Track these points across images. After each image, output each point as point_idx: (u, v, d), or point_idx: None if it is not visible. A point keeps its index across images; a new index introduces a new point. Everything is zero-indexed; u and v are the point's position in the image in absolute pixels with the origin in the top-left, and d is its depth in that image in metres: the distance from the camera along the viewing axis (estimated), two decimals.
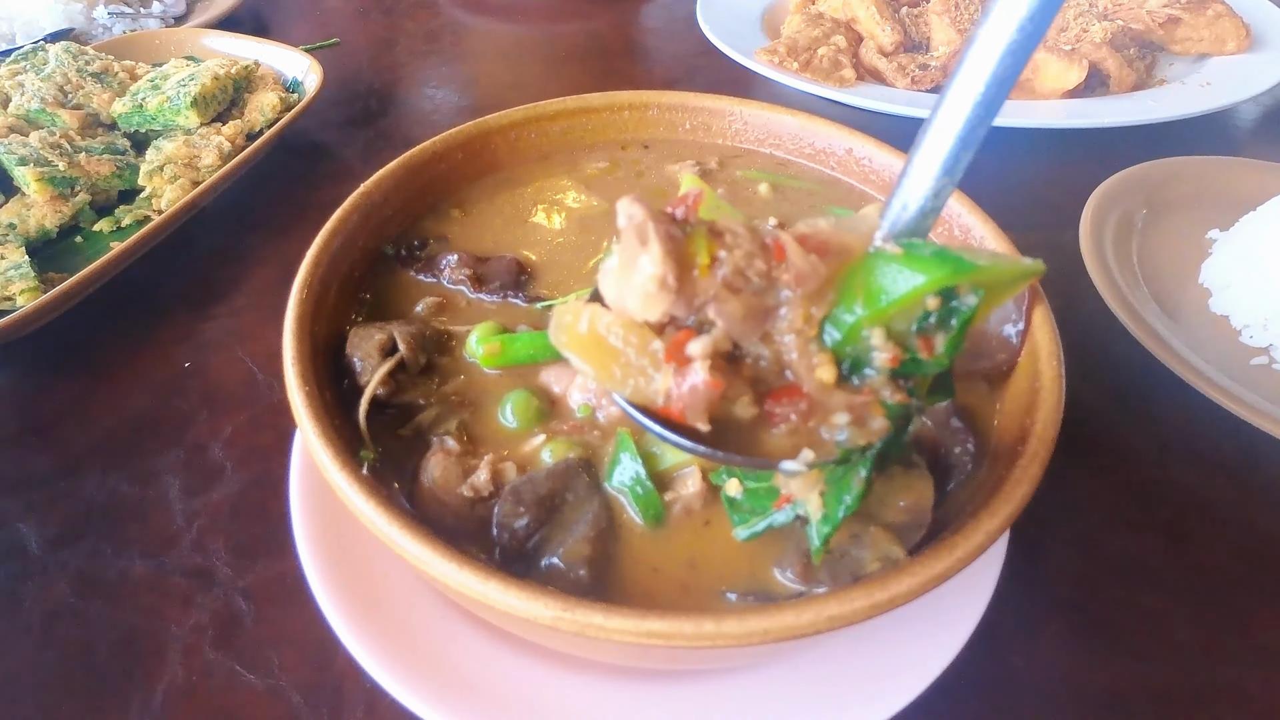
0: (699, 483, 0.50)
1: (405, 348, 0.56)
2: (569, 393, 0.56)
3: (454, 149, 0.73)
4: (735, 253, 0.40)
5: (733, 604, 0.46)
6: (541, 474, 0.50)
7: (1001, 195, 1.17)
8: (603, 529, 0.49)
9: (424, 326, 0.60)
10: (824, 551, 0.45)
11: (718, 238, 0.40)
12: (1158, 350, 0.79)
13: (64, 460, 0.78)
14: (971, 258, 0.40)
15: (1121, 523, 0.73)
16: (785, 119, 0.78)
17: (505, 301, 0.64)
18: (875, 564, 0.45)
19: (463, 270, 0.64)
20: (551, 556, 0.48)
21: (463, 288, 0.64)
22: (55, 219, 0.99)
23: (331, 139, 1.29)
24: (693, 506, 0.50)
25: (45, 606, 0.66)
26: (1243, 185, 1.05)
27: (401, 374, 0.57)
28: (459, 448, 0.52)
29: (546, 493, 0.49)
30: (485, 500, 0.50)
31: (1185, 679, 0.62)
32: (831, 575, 0.46)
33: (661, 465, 0.51)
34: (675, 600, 0.47)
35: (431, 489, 0.50)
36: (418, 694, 0.52)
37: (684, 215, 0.41)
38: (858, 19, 1.44)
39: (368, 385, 0.54)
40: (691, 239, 0.40)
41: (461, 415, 0.56)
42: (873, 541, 0.46)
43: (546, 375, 0.57)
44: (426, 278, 0.66)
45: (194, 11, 1.62)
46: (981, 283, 0.40)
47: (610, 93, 0.79)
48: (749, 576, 0.48)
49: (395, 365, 0.56)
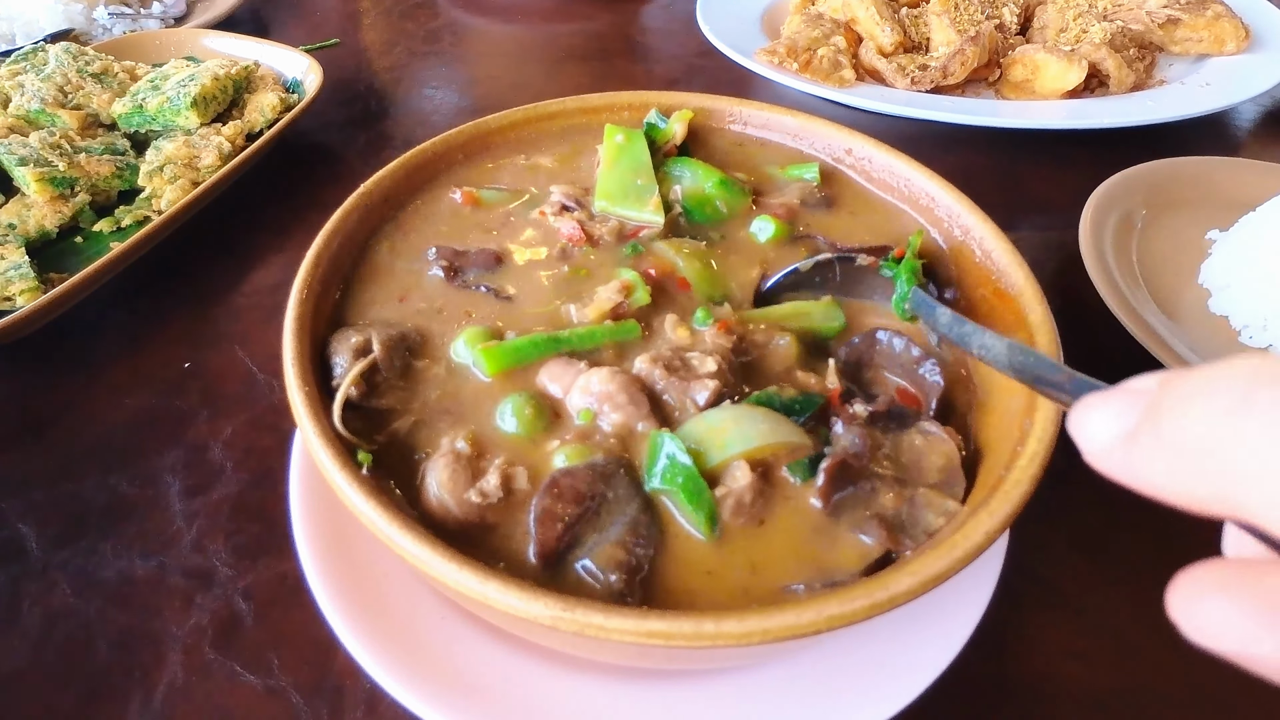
0: (748, 474, 0.48)
1: (380, 349, 0.55)
2: (569, 395, 0.54)
3: (454, 149, 0.73)
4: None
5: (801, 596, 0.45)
6: (582, 468, 0.49)
7: (1001, 195, 1.18)
8: (642, 534, 0.47)
9: (404, 329, 0.59)
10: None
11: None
12: (1158, 350, 0.79)
13: (64, 460, 0.78)
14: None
15: (1121, 522, 0.73)
16: (785, 119, 0.78)
17: (477, 293, 0.63)
18: (940, 519, 0.48)
19: (440, 263, 0.64)
20: (585, 559, 0.46)
21: (439, 274, 0.64)
22: (55, 219, 0.99)
23: (331, 139, 1.29)
24: (744, 499, 0.48)
25: (45, 606, 0.66)
26: (1243, 185, 1.05)
27: (378, 376, 0.55)
28: (470, 450, 0.51)
29: (587, 490, 0.48)
30: (495, 506, 0.49)
31: (1185, 679, 0.62)
32: (911, 538, 0.47)
33: (709, 463, 0.49)
34: (736, 604, 0.45)
35: (439, 495, 0.49)
36: (418, 694, 0.52)
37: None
38: (857, 19, 1.44)
39: (339, 388, 0.53)
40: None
41: (446, 420, 0.54)
42: (926, 502, 0.48)
43: (543, 376, 0.55)
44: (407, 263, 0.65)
45: (194, 12, 1.62)
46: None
47: (610, 93, 0.80)
48: (815, 567, 0.47)
49: (369, 367, 0.55)
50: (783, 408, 0.52)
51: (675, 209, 0.69)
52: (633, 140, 0.72)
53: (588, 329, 0.58)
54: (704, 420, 0.51)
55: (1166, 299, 0.92)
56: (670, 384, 0.53)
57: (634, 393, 0.53)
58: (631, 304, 0.59)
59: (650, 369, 0.54)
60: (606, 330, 0.58)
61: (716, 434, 0.50)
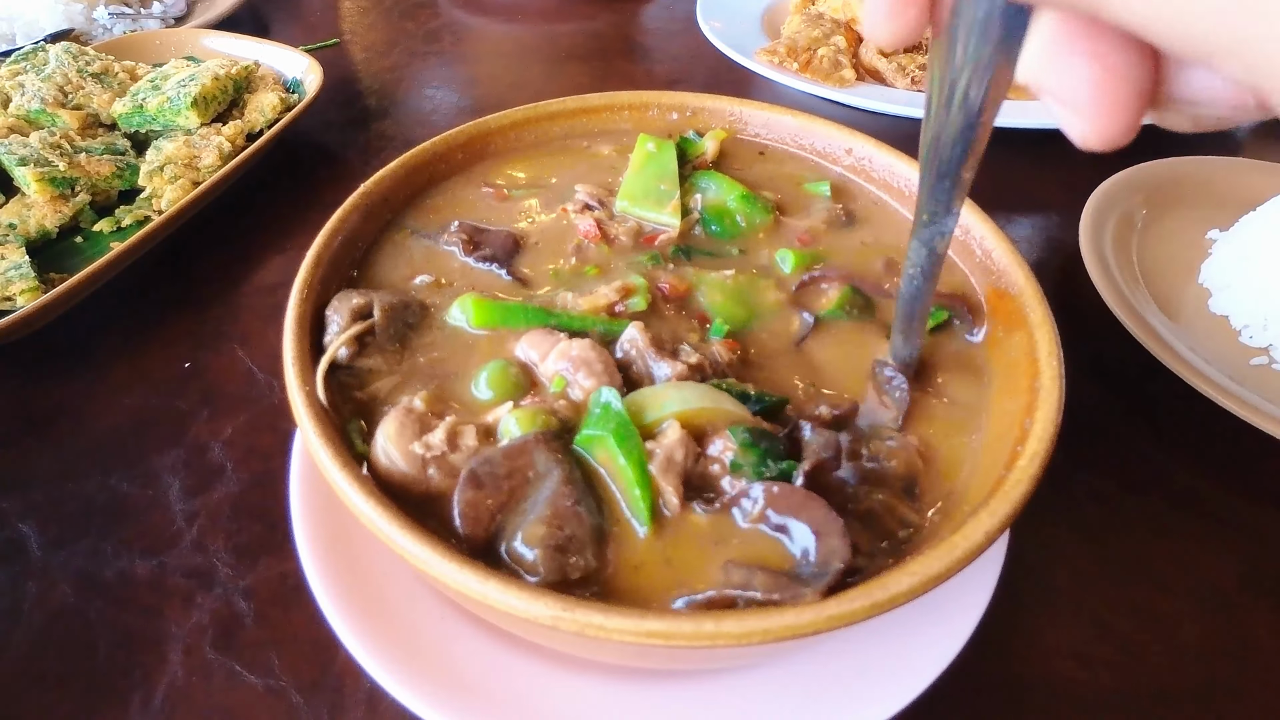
0: (678, 431, 0.48)
1: (380, 314, 0.57)
2: (544, 362, 0.54)
3: (454, 149, 0.73)
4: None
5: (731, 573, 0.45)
6: (498, 453, 0.48)
7: (1002, 195, 1.18)
8: (568, 506, 0.46)
9: (407, 298, 0.60)
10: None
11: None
12: (1158, 350, 0.79)
13: (64, 460, 0.78)
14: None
15: (1120, 522, 0.73)
16: (785, 119, 0.78)
17: (491, 271, 0.64)
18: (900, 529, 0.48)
19: (460, 235, 0.66)
20: (512, 541, 0.46)
21: (455, 249, 0.65)
22: (55, 219, 0.99)
23: (332, 139, 1.29)
24: (674, 455, 0.48)
25: (45, 606, 0.66)
26: (1243, 185, 1.05)
27: (371, 339, 0.57)
28: (424, 408, 0.51)
29: (506, 472, 0.47)
30: (438, 459, 0.49)
31: (1185, 679, 0.63)
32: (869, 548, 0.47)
33: (644, 419, 0.50)
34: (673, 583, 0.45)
35: (384, 447, 0.49)
36: (418, 694, 0.52)
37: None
38: (857, 19, 1.44)
39: (331, 345, 0.54)
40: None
41: (431, 384, 0.55)
42: (885, 510, 0.48)
43: (522, 344, 0.56)
44: (423, 237, 0.67)
45: (194, 12, 1.62)
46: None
47: (610, 93, 0.80)
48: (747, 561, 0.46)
49: (365, 330, 0.56)
50: (738, 395, 0.53)
51: (693, 215, 0.70)
52: (663, 149, 0.73)
53: (580, 315, 0.59)
54: (649, 388, 0.53)
55: (1166, 299, 0.92)
56: (645, 356, 0.54)
57: (610, 364, 0.54)
58: (629, 307, 0.59)
59: (641, 337, 0.55)
60: (600, 321, 0.58)
61: (656, 396, 0.51)
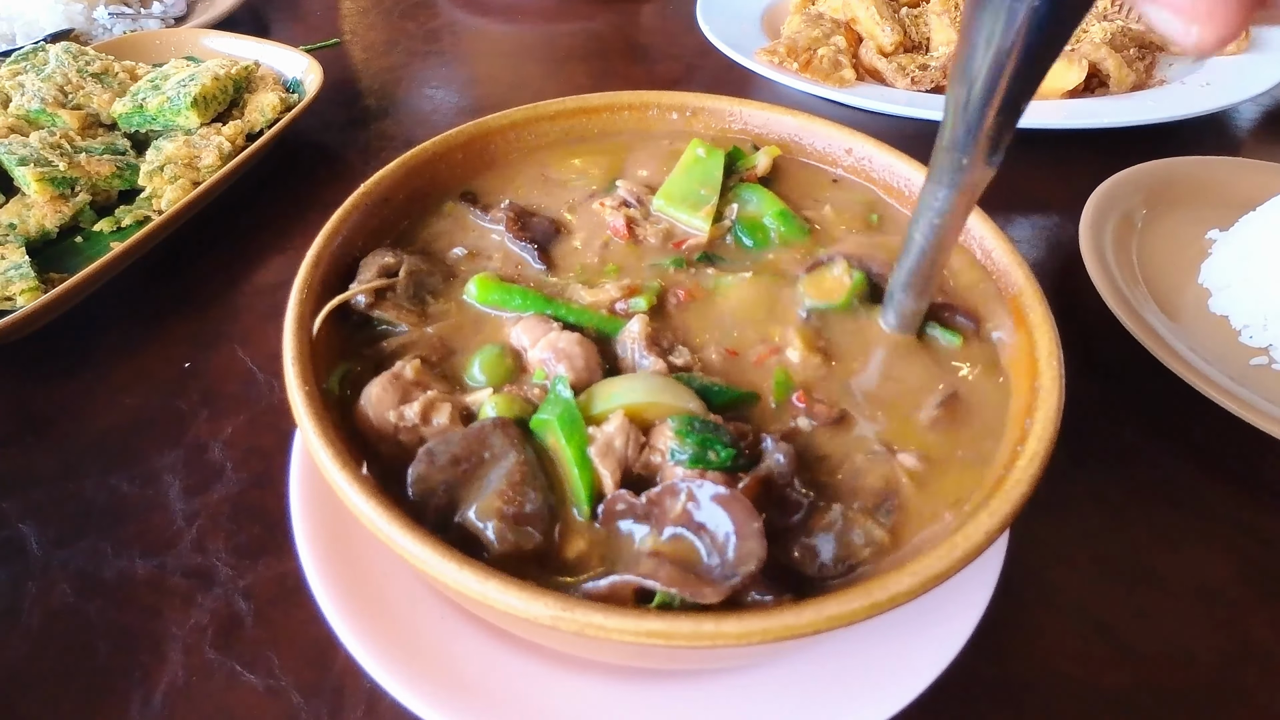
0: (621, 419, 0.50)
1: (404, 275, 0.60)
2: (532, 349, 0.56)
3: (454, 149, 0.73)
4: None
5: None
6: (458, 435, 0.50)
7: (1002, 195, 1.17)
8: (521, 481, 0.48)
9: (435, 264, 0.63)
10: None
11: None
12: (1158, 350, 0.79)
13: (64, 460, 0.78)
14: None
15: (1120, 523, 0.73)
16: (785, 119, 0.78)
17: (524, 253, 0.66)
18: (865, 548, 0.47)
19: (509, 213, 0.68)
20: (466, 513, 0.47)
21: (499, 226, 0.68)
22: (55, 219, 0.99)
23: (332, 139, 1.29)
24: (613, 442, 0.49)
25: (45, 606, 0.67)
26: (1243, 185, 1.05)
27: (392, 294, 0.59)
28: (413, 376, 0.53)
29: (462, 452, 0.49)
30: (408, 430, 0.51)
31: (1185, 679, 0.63)
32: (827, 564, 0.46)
33: (592, 410, 0.51)
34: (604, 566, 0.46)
35: (366, 401, 0.52)
36: (418, 694, 0.52)
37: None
38: (857, 19, 1.44)
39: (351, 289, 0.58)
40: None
41: (431, 355, 0.56)
42: (852, 524, 0.47)
43: (517, 329, 0.57)
44: (476, 214, 0.70)
45: (194, 12, 1.62)
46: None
47: (610, 93, 0.79)
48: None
49: (387, 286, 0.59)
50: (700, 389, 0.53)
51: (725, 224, 0.70)
52: (712, 155, 0.73)
53: (580, 308, 0.59)
54: (606, 379, 0.54)
55: (1166, 299, 0.92)
56: (637, 349, 0.55)
57: (593, 361, 0.54)
58: (630, 307, 0.60)
59: (642, 330, 0.56)
60: (598, 317, 0.59)
61: (609, 387, 0.52)
